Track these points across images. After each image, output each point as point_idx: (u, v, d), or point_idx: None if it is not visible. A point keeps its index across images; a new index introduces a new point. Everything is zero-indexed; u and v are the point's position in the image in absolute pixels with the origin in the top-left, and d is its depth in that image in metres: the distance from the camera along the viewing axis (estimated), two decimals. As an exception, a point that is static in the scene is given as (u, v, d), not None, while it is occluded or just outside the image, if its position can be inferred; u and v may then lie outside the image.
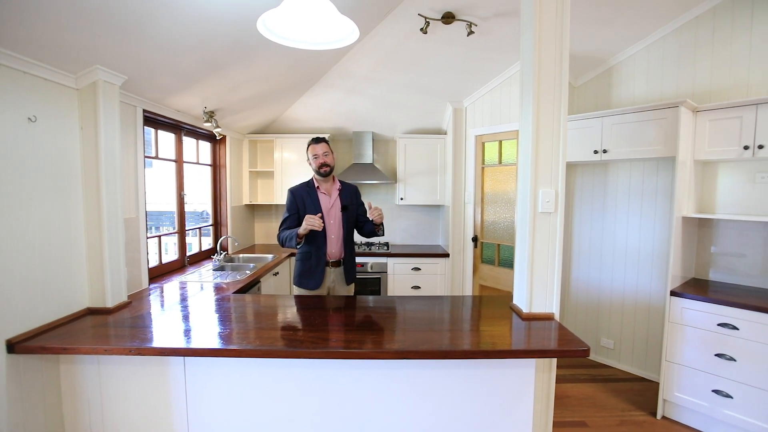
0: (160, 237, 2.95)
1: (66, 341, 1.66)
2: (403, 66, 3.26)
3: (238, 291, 2.53)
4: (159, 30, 1.86)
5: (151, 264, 2.87)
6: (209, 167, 3.73)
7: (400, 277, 3.99)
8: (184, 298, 2.35)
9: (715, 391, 2.27)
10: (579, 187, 3.35)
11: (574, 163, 3.22)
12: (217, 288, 2.56)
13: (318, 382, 1.76)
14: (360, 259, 3.96)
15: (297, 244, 2.25)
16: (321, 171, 2.39)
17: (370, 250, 4.10)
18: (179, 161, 3.15)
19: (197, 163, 3.50)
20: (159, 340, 1.68)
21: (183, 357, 1.74)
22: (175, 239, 3.18)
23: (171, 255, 3.21)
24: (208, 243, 3.75)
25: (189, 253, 3.40)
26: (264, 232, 4.67)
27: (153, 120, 2.74)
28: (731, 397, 2.22)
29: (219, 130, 3.14)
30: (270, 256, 3.73)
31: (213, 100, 2.90)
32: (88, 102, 1.96)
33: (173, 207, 3.36)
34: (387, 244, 4.44)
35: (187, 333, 1.78)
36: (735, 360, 2.20)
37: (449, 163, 3.94)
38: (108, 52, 1.86)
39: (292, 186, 2.49)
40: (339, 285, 2.51)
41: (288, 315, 2.04)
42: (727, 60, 2.55)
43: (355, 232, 2.62)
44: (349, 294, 2.59)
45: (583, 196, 3.33)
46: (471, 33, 2.73)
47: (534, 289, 1.92)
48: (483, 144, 3.64)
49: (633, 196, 3.03)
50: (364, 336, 1.71)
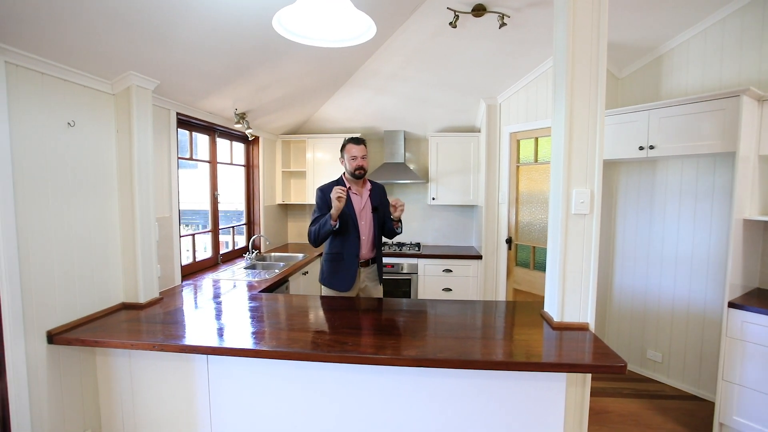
0: (194, 235, 3.06)
1: (98, 334, 1.74)
2: (433, 63, 3.17)
3: (264, 290, 2.57)
4: (187, 35, 1.91)
5: (186, 261, 2.98)
6: (243, 168, 3.83)
7: (430, 279, 3.91)
8: (211, 295, 2.41)
9: (782, 417, 2.01)
10: (623, 187, 3.11)
11: (617, 161, 2.99)
12: (245, 286, 2.61)
13: (339, 385, 1.73)
14: (390, 260, 3.92)
15: (333, 227, 2.20)
16: (356, 173, 2.35)
17: (400, 250, 4.04)
18: (213, 162, 3.25)
19: (231, 164, 3.60)
20: (181, 337, 1.72)
21: (205, 355, 1.78)
22: (211, 237, 3.29)
23: (208, 252, 3.32)
24: (242, 241, 3.86)
25: (224, 251, 3.51)
26: (297, 231, 4.75)
27: (187, 122, 2.84)
28: (802, 425, 1.95)
29: (251, 131, 3.21)
30: (301, 255, 3.78)
31: (243, 101, 2.97)
32: (123, 106, 2.05)
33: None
34: (418, 244, 4.36)
35: (210, 331, 1.81)
36: (807, 383, 1.94)
37: (483, 162, 3.80)
38: (140, 57, 1.93)
39: (321, 185, 2.48)
40: (370, 285, 2.49)
41: (311, 316, 2.03)
42: (800, 42, 2.25)
43: None
44: (378, 295, 2.55)
45: (628, 196, 3.08)
46: (503, 25, 2.60)
47: (566, 297, 1.78)
48: (518, 141, 3.47)
49: (685, 196, 2.76)
50: (385, 341, 1.66)
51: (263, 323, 1.91)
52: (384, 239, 2.66)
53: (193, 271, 2.97)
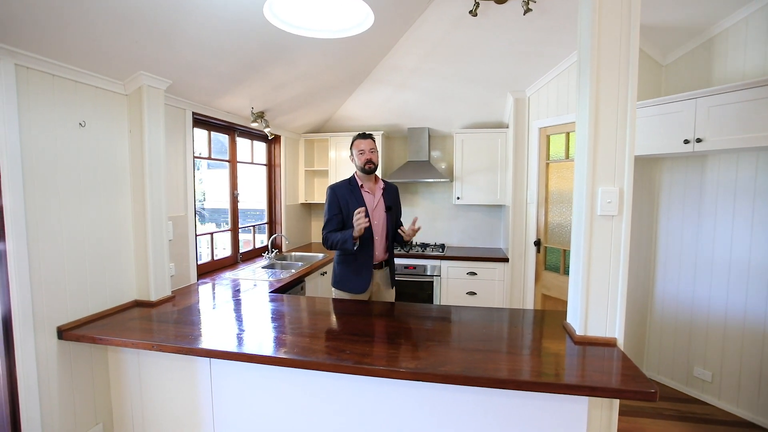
0: (212, 234, 3.09)
1: (103, 332, 1.76)
2: (455, 56, 3.01)
3: (277, 290, 2.54)
4: (194, 34, 1.90)
5: (206, 259, 3.02)
6: (264, 167, 3.84)
7: (454, 282, 3.74)
8: (222, 295, 2.41)
9: None
10: (667, 186, 2.81)
11: (659, 157, 2.69)
12: (259, 286, 2.59)
13: (338, 393, 1.65)
14: (412, 261, 3.80)
15: (353, 246, 2.11)
16: (366, 168, 2.26)
17: (424, 251, 3.91)
18: (233, 162, 3.28)
19: (252, 163, 3.62)
20: (184, 337, 1.70)
21: (207, 357, 1.75)
22: (231, 236, 3.32)
23: (228, 251, 3.35)
24: (265, 240, 3.88)
25: (245, 250, 3.53)
26: (320, 230, 4.72)
27: (205, 122, 2.87)
28: None
29: (269, 130, 3.21)
30: (321, 255, 3.74)
31: (259, 100, 2.96)
32: (135, 106, 2.08)
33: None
34: (443, 245, 4.20)
35: (212, 333, 1.78)
36: None
37: (510, 159, 3.59)
38: (149, 57, 1.94)
39: (332, 183, 2.41)
40: (383, 288, 2.40)
41: (317, 320, 1.96)
42: None
43: None
44: (391, 298, 2.45)
45: (672, 195, 2.78)
46: (528, 11, 2.40)
47: (590, 308, 1.59)
48: (548, 137, 3.24)
49: (741, 195, 2.44)
50: (386, 350, 1.56)
51: (266, 327, 1.86)
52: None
53: (212, 270, 3.00)
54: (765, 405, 2.37)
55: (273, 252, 3.50)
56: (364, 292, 2.28)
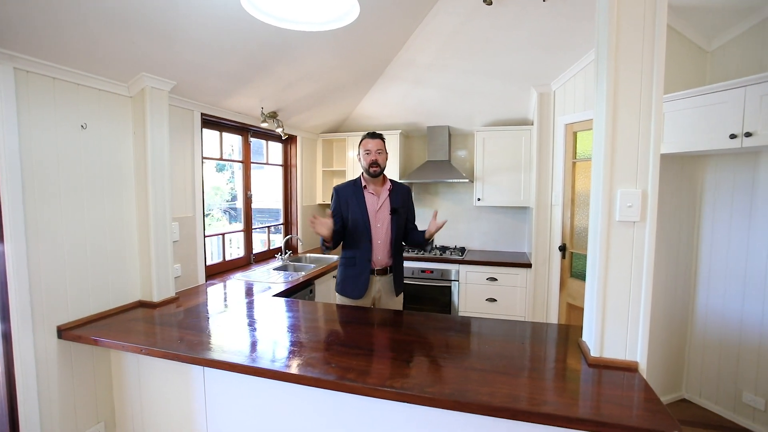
0: (223, 235, 3.10)
1: (100, 332, 1.77)
2: (472, 49, 2.84)
3: (285, 293, 2.48)
4: (193, 33, 1.87)
5: (216, 260, 3.03)
6: (280, 167, 3.83)
7: (473, 288, 3.56)
8: (227, 297, 2.38)
9: None
10: (711, 187, 2.50)
11: (701, 154, 2.40)
12: (266, 289, 2.55)
13: (324, 408, 1.55)
14: (430, 265, 3.65)
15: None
16: (371, 170, 2.16)
17: (442, 254, 3.75)
18: (246, 162, 3.27)
19: (267, 164, 3.61)
20: (172, 342, 1.66)
21: (192, 364, 1.71)
22: (244, 237, 3.32)
23: (242, 251, 3.36)
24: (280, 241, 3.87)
25: (260, 250, 3.53)
26: (339, 231, 4.67)
27: (216, 123, 2.87)
28: None
29: (281, 130, 3.17)
30: (335, 257, 3.67)
31: (270, 100, 2.92)
32: (139, 108, 2.09)
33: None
34: (463, 249, 4.02)
35: (207, 338, 1.73)
36: None
37: (535, 158, 3.36)
38: (150, 59, 1.93)
39: (338, 184, 2.34)
40: (386, 296, 2.27)
41: (313, 328, 1.87)
42: None
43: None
44: (397, 306, 2.33)
45: (718, 198, 2.47)
46: (548, -4, 2.21)
47: (607, 326, 1.40)
48: (574, 134, 2.99)
49: (800, 198, 2.12)
50: (375, 365, 1.44)
51: (258, 334, 1.79)
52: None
53: (223, 270, 3.00)
54: (829, 441, 2.05)
55: (287, 253, 3.47)
56: (361, 298, 2.18)
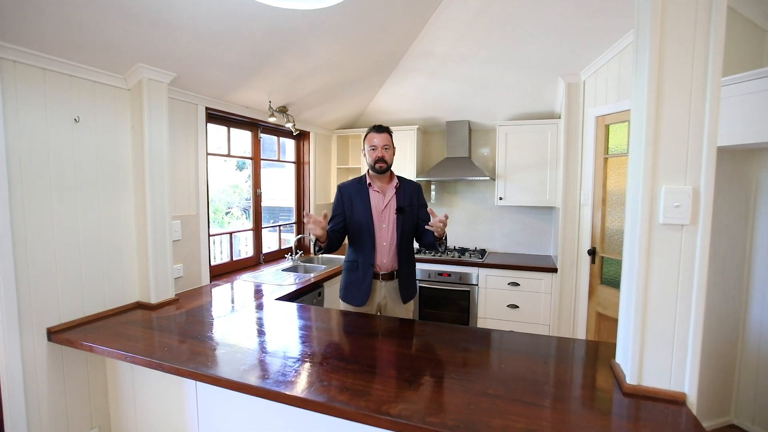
0: (231, 234, 3.00)
1: (88, 336, 1.68)
2: (492, 36, 2.63)
3: (292, 296, 2.36)
4: (192, 20, 1.75)
5: (224, 260, 2.94)
6: (293, 164, 3.72)
7: (493, 293, 3.34)
8: (227, 300, 2.28)
9: None
10: (768, 184, 2.20)
11: (757, 147, 2.10)
12: (271, 291, 2.43)
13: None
14: (447, 268, 3.45)
15: (318, 248, 1.91)
16: (376, 167, 2.00)
17: (460, 257, 3.54)
18: (256, 159, 3.17)
19: (278, 161, 3.51)
20: (158, 349, 1.55)
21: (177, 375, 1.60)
22: (253, 236, 3.22)
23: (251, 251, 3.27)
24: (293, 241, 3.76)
25: (272, 249, 3.43)
26: (354, 231, 4.53)
27: (224, 118, 2.77)
28: None
29: (290, 125, 3.05)
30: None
31: (279, 94, 2.80)
32: (136, 101, 2.00)
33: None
34: (483, 251, 3.80)
35: (199, 347, 1.61)
36: None
37: (562, 154, 3.10)
38: (147, 48, 1.83)
39: (343, 182, 2.19)
40: (392, 303, 2.10)
41: (309, 338, 1.73)
42: None
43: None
44: (407, 315, 2.15)
45: (776, 197, 2.17)
46: (578, -29, 1.98)
47: (647, 348, 1.19)
48: (606, 127, 2.73)
49: None
50: (376, 385, 1.28)
51: (251, 343, 1.66)
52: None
53: (230, 271, 2.91)
54: None
55: (297, 254, 3.35)
56: (363, 305, 2.03)
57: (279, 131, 3.39)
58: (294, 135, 3.40)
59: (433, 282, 3.50)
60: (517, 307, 3.26)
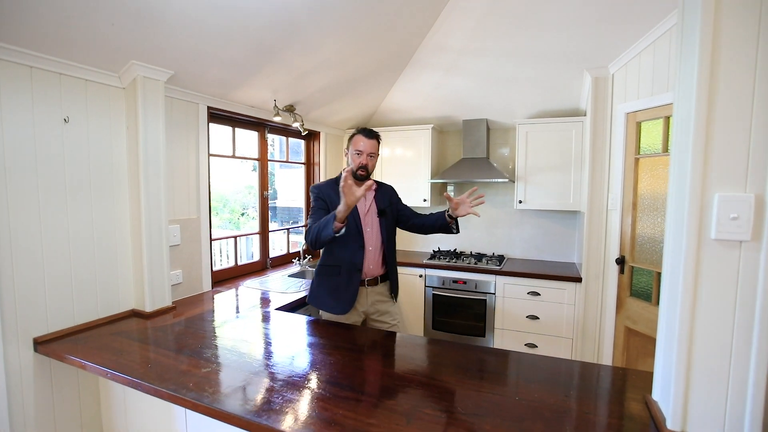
0: (236, 237, 2.91)
1: (74, 348, 1.59)
2: (511, 27, 2.44)
3: (291, 306, 2.23)
4: (187, 12, 1.64)
5: (228, 265, 2.84)
6: (302, 165, 3.60)
7: (511, 303, 3.13)
8: (226, 309, 2.17)
9: None
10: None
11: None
12: (272, 299, 2.31)
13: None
14: (462, 275, 3.26)
15: (335, 232, 1.65)
16: (358, 173, 1.87)
17: (477, 263, 3.34)
18: (263, 160, 3.06)
19: (287, 162, 3.40)
20: (143, 365, 1.44)
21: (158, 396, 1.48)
22: (260, 240, 3.12)
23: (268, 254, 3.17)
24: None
25: (282, 252, 3.33)
26: (366, 234, 4.39)
27: (228, 117, 2.68)
28: None
29: (297, 124, 2.93)
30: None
31: (284, 92, 2.68)
32: (131, 100, 1.91)
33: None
34: (501, 257, 3.59)
35: (182, 363, 1.50)
36: None
37: (587, 154, 2.87)
38: (139, 44, 1.74)
39: (317, 183, 2.06)
40: (383, 306, 2.01)
41: (307, 357, 1.59)
42: None
43: (396, 232, 2.14)
44: (393, 322, 2.03)
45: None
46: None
47: (693, 387, 0.99)
48: (638, 125, 2.49)
49: None
50: (375, 420, 1.13)
51: (237, 361, 1.53)
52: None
53: (235, 276, 2.81)
54: None
55: (306, 258, 3.23)
56: (343, 314, 1.90)
57: (288, 131, 3.28)
58: (303, 135, 3.29)
59: (447, 289, 3.32)
60: (538, 319, 3.05)
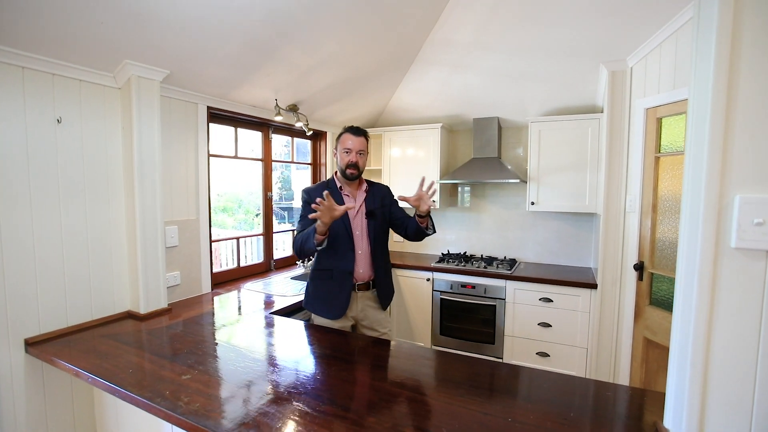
0: (238, 239, 2.88)
1: (62, 350, 1.56)
2: (522, 20, 2.32)
3: (288, 310, 2.17)
4: (183, 11, 1.61)
5: (229, 266, 2.82)
6: (308, 166, 3.56)
7: (522, 309, 3.00)
8: (225, 311, 2.13)
9: None
10: None
11: None
12: (272, 302, 2.27)
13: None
14: (471, 279, 3.15)
15: (316, 245, 1.66)
16: (347, 172, 1.84)
17: (486, 267, 3.22)
18: (267, 161, 3.03)
19: (292, 162, 3.36)
20: (124, 371, 1.40)
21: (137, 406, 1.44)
22: (263, 241, 3.09)
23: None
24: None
25: (287, 255, 3.29)
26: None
27: (230, 118, 2.65)
28: None
29: (300, 124, 2.88)
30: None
31: (286, 91, 2.63)
32: (126, 100, 1.89)
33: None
34: (513, 261, 3.45)
35: (168, 368, 1.45)
36: None
37: (604, 153, 2.71)
38: (133, 43, 1.71)
39: (306, 186, 2.00)
40: (373, 313, 1.94)
41: (296, 367, 1.52)
42: None
43: (390, 237, 2.06)
44: (384, 328, 1.96)
45: None
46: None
47: (709, 416, 0.87)
48: (658, 121, 2.32)
49: None
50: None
51: (229, 366, 1.48)
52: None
53: (237, 278, 2.78)
54: None
55: (310, 260, 3.18)
56: (337, 319, 1.85)
57: (292, 131, 3.24)
58: (307, 135, 3.24)
59: (456, 294, 3.21)
60: (550, 326, 2.90)
